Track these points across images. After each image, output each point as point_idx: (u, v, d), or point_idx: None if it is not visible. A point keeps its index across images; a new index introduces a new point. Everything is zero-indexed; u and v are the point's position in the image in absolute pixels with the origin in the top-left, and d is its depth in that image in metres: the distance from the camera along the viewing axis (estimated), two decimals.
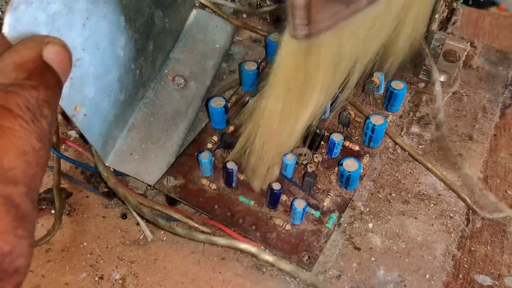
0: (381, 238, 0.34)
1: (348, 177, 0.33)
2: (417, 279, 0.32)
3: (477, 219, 0.35)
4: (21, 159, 0.17)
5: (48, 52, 0.20)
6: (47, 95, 0.19)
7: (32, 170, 0.18)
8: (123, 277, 0.32)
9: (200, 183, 0.34)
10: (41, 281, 0.32)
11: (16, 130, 0.18)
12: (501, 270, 0.33)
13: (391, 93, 0.37)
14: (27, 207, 0.17)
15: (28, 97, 0.18)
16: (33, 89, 0.19)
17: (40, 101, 0.19)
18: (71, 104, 0.28)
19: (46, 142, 0.19)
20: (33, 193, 0.18)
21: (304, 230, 0.32)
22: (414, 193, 0.36)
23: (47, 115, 0.19)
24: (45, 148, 0.19)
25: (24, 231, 0.17)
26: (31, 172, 0.18)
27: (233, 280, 0.32)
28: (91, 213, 0.35)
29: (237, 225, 0.32)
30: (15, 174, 0.17)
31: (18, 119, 0.18)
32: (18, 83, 0.19)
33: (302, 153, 0.35)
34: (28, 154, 0.18)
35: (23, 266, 0.17)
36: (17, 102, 0.18)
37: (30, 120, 0.18)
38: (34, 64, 0.20)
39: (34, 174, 0.18)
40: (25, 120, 0.18)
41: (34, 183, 0.18)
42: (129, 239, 0.34)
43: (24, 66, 0.19)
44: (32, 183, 0.18)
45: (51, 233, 0.33)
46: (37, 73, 0.20)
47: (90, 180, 0.37)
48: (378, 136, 0.35)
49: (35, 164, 0.18)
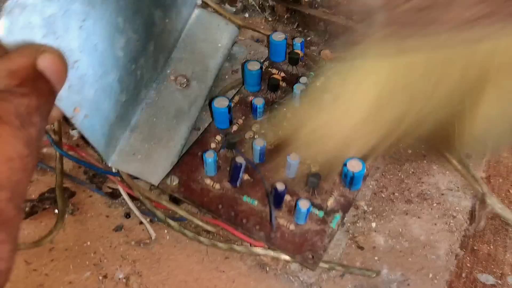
0: (384, 238, 0.34)
1: (352, 177, 0.33)
2: (420, 278, 0.32)
3: (483, 213, 0.35)
4: (6, 165, 0.18)
5: (43, 61, 0.21)
6: (38, 103, 0.20)
7: (17, 176, 0.18)
8: (127, 276, 0.32)
9: (204, 182, 0.34)
10: (45, 280, 0.32)
11: (3, 136, 0.18)
12: (504, 269, 0.33)
13: None
14: (10, 212, 0.17)
15: (18, 104, 0.19)
16: (24, 96, 0.19)
17: (30, 108, 0.19)
18: (70, 105, 0.28)
19: (33, 149, 0.19)
20: (17, 198, 0.18)
21: (308, 230, 0.32)
22: (417, 193, 0.36)
23: (36, 123, 0.19)
24: (32, 154, 0.19)
25: (5, 235, 0.17)
26: (16, 178, 0.18)
27: (237, 279, 0.32)
28: (95, 212, 0.35)
29: (241, 225, 0.32)
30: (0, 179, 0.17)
31: (5, 126, 0.18)
32: (9, 90, 0.19)
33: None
34: (14, 160, 0.18)
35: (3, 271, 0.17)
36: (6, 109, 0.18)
37: (18, 127, 0.18)
38: (27, 71, 0.20)
39: (19, 180, 0.18)
40: (13, 126, 0.18)
41: (18, 189, 0.18)
42: (133, 238, 0.34)
43: (16, 74, 0.19)
44: (17, 188, 0.18)
45: (53, 232, 0.33)
46: (29, 81, 0.20)
47: (93, 180, 0.37)
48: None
49: (20, 170, 0.18)
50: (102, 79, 0.30)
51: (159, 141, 0.37)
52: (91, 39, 0.28)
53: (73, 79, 0.27)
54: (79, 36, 0.26)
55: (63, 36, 0.25)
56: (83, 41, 0.27)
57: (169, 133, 0.37)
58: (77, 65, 0.27)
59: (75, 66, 0.27)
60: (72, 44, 0.26)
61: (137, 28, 0.33)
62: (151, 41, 0.36)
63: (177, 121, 0.38)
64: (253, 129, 0.37)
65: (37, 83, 0.20)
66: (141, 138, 0.36)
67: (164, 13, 0.37)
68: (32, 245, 0.32)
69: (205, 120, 0.40)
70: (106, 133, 0.33)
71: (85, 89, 0.29)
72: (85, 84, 0.28)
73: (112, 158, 0.35)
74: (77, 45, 0.27)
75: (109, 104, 0.32)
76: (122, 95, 0.34)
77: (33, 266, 0.32)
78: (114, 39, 0.31)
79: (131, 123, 0.36)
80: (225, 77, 0.43)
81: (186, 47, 0.42)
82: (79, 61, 0.27)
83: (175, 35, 0.41)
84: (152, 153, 0.36)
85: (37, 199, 0.35)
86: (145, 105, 0.38)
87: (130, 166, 0.35)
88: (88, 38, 0.27)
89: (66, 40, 0.25)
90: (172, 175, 0.34)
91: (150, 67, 0.37)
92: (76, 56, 0.27)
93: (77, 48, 0.27)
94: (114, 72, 0.32)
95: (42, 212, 0.35)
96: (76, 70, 0.27)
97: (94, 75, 0.29)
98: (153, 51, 0.37)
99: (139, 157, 0.35)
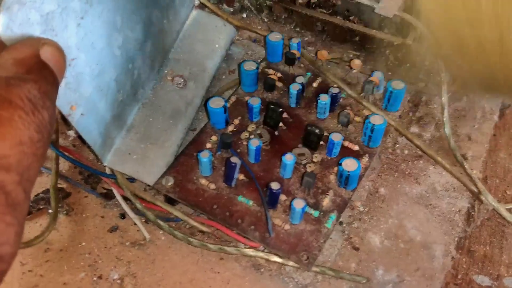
0: (380, 238, 0.34)
1: (347, 177, 0.33)
2: (416, 280, 0.32)
3: (481, 209, 0.35)
4: (17, 148, 0.18)
5: (45, 52, 0.21)
6: (47, 88, 0.20)
7: (27, 160, 0.18)
8: (121, 277, 0.32)
9: (199, 183, 0.34)
10: (40, 281, 0.32)
11: (15, 121, 0.18)
12: (500, 271, 0.32)
13: (390, 93, 0.37)
14: (18, 196, 0.17)
15: (30, 89, 0.19)
16: (34, 82, 0.19)
17: (41, 93, 0.19)
18: (67, 103, 0.28)
19: (45, 133, 0.19)
20: (26, 183, 0.18)
21: (303, 230, 0.32)
22: (413, 194, 0.36)
23: (49, 107, 0.20)
24: (43, 139, 0.19)
25: (12, 219, 0.17)
26: (26, 162, 0.18)
27: (232, 280, 0.32)
28: (90, 213, 0.35)
29: (236, 225, 0.32)
30: (9, 162, 0.17)
31: (18, 110, 0.18)
32: (19, 77, 0.19)
33: (302, 153, 0.35)
34: (25, 144, 0.18)
35: (8, 255, 0.17)
36: (18, 94, 0.19)
37: (30, 112, 0.19)
38: (33, 60, 0.20)
39: (29, 165, 0.18)
40: (25, 111, 0.18)
41: (28, 173, 0.18)
42: (128, 239, 0.34)
43: (23, 62, 0.20)
44: (26, 173, 0.18)
45: (45, 232, 0.33)
46: (36, 69, 0.20)
47: (88, 180, 0.37)
48: (377, 136, 0.35)
49: (31, 154, 0.18)
50: (99, 78, 0.30)
51: (155, 141, 0.36)
52: (88, 37, 0.28)
53: (70, 76, 0.27)
54: (76, 33, 0.27)
55: (61, 33, 0.25)
56: (81, 39, 0.27)
57: (165, 133, 0.37)
58: (74, 63, 0.27)
59: (72, 64, 0.27)
60: (69, 42, 0.26)
61: (134, 28, 0.33)
62: (148, 41, 0.36)
63: (174, 121, 0.38)
64: (248, 130, 0.37)
65: (43, 72, 0.20)
66: (137, 138, 0.36)
67: (162, 14, 0.37)
68: (24, 245, 0.32)
69: (202, 120, 0.40)
70: (102, 132, 0.33)
71: (81, 87, 0.29)
72: (82, 82, 0.28)
73: (108, 158, 0.35)
74: (75, 42, 0.27)
75: (105, 103, 0.32)
76: (119, 94, 0.34)
77: (28, 266, 0.32)
78: (112, 38, 0.31)
79: (127, 122, 0.36)
80: (222, 77, 0.43)
81: (184, 47, 0.42)
82: (76, 59, 0.27)
83: (173, 36, 0.41)
84: (148, 153, 0.36)
85: (32, 199, 0.35)
86: (141, 105, 0.38)
87: (125, 166, 0.35)
88: (85, 36, 0.27)
89: (64, 37, 0.25)
90: (167, 175, 0.34)
91: (147, 67, 0.37)
92: (73, 54, 0.27)
93: (74, 46, 0.27)
94: (111, 71, 0.32)
95: (37, 213, 0.35)
96: (73, 67, 0.27)
97: (91, 73, 0.29)
98: (150, 51, 0.37)
99: (134, 157, 0.35)
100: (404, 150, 0.38)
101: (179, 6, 0.40)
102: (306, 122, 0.37)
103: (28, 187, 0.18)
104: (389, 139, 0.38)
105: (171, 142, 0.37)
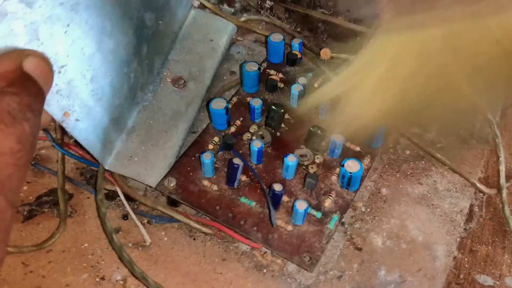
0: (382, 239, 0.34)
1: (349, 178, 0.33)
2: (418, 280, 0.32)
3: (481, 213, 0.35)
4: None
5: (28, 64, 0.21)
6: (29, 100, 0.20)
7: (8, 170, 0.19)
8: (124, 278, 0.32)
9: (202, 184, 0.34)
10: (42, 282, 0.32)
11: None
12: (503, 270, 0.33)
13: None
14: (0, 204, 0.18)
15: (9, 102, 0.19)
16: (14, 95, 0.20)
17: (22, 105, 0.20)
18: (59, 110, 0.28)
19: (26, 144, 0.19)
20: (8, 192, 0.18)
21: (306, 231, 0.32)
22: (415, 194, 0.36)
23: (30, 118, 0.20)
24: (25, 149, 0.19)
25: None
26: (6, 172, 0.19)
27: (234, 281, 0.32)
28: (92, 214, 0.35)
29: (238, 226, 0.32)
30: None
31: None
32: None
33: (303, 154, 0.35)
34: (5, 155, 0.19)
35: None
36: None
37: (9, 124, 0.19)
38: (15, 74, 0.20)
39: (10, 174, 0.19)
40: (4, 123, 0.19)
41: (10, 183, 0.19)
42: (130, 240, 0.34)
43: (4, 76, 0.20)
44: (8, 182, 0.19)
45: (55, 235, 0.33)
46: (18, 82, 0.20)
47: (90, 181, 0.37)
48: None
49: (12, 164, 0.19)
50: (93, 83, 0.30)
51: (156, 143, 0.36)
52: (77, 44, 0.28)
53: (61, 83, 0.27)
54: (64, 41, 0.26)
55: (47, 41, 0.25)
56: (69, 46, 0.27)
57: (166, 135, 0.37)
58: (65, 70, 0.27)
59: (62, 71, 0.27)
60: (57, 49, 0.26)
61: (127, 32, 0.33)
62: (143, 44, 0.36)
63: (174, 122, 0.38)
64: (250, 131, 0.37)
65: (26, 84, 0.21)
66: (138, 140, 0.36)
67: (157, 16, 0.37)
68: (33, 248, 0.32)
69: (204, 121, 0.40)
70: (101, 136, 0.33)
71: (74, 94, 0.29)
72: (74, 88, 0.28)
73: (109, 161, 0.35)
74: (63, 50, 0.26)
75: (101, 108, 0.32)
76: (115, 98, 0.33)
77: (30, 268, 0.32)
78: (102, 43, 0.30)
79: (127, 126, 0.36)
80: (223, 78, 0.43)
81: (183, 48, 0.42)
82: (66, 65, 0.27)
83: (171, 37, 0.41)
84: (149, 155, 0.36)
85: (35, 202, 0.35)
86: (141, 108, 0.37)
87: (127, 169, 0.35)
88: (74, 43, 0.27)
89: (51, 45, 0.25)
90: (169, 176, 0.34)
91: (145, 69, 0.37)
92: (62, 61, 0.26)
93: (63, 53, 0.26)
94: (105, 75, 0.31)
95: (41, 215, 0.35)
96: (63, 74, 0.27)
97: (83, 79, 0.29)
98: (147, 53, 0.36)
99: (136, 159, 0.35)
100: (406, 150, 0.38)
101: (175, 8, 0.40)
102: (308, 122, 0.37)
103: (10, 196, 0.19)
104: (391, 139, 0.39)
105: (172, 143, 0.37)
